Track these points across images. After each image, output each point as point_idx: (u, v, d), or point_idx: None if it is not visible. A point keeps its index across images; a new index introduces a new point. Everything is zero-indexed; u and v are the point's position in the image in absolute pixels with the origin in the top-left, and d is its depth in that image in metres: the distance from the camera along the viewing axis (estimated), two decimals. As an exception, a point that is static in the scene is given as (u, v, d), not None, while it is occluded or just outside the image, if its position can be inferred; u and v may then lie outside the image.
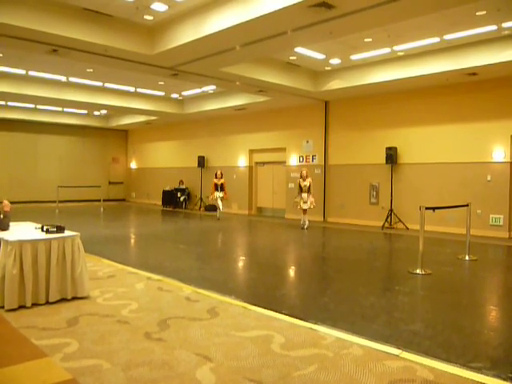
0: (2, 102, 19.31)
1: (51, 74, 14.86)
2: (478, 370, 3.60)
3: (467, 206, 8.96)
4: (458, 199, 10.91)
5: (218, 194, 15.94)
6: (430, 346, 4.14)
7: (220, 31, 8.83)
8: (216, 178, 16.03)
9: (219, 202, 16.01)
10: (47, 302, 5.21)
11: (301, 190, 13.45)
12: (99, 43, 9.69)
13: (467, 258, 8.70)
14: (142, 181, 25.48)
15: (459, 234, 11.24)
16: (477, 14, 8.88)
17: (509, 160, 11.69)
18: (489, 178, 11.95)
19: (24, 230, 5.79)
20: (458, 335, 4.54)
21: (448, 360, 3.78)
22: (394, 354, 3.86)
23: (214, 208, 19.38)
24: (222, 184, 15.98)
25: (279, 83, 13.01)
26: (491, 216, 11.92)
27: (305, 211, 13.48)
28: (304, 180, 13.43)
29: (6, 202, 5.87)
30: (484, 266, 8.52)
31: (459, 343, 4.29)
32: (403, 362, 3.71)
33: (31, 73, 14.60)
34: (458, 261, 8.64)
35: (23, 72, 14.49)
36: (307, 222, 13.53)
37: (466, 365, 3.69)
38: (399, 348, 4.01)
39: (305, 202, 13.30)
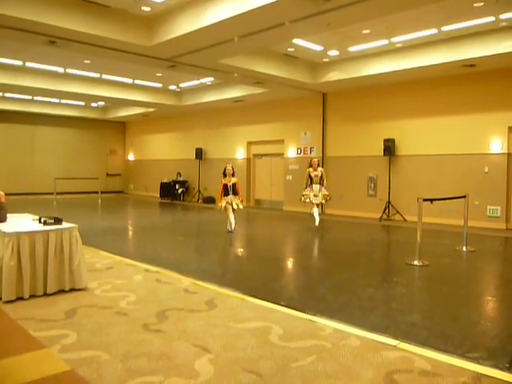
0: (-1, 94, 19.26)
1: (48, 66, 14.76)
2: (476, 360, 3.61)
3: (465, 197, 8.98)
4: (456, 191, 10.91)
5: (229, 200, 10.62)
6: (427, 337, 4.16)
7: (218, 22, 8.78)
8: (225, 175, 10.71)
9: (231, 216, 10.66)
10: (45, 294, 5.21)
11: (311, 180, 11.82)
12: (97, 34, 9.62)
13: (465, 249, 8.72)
14: (139, 173, 25.44)
15: (457, 225, 11.27)
16: (475, 5, 8.85)
17: (506, 151, 11.71)
18: (486, 170, 11.96)
19: (21, 222, 5.78)
20: (456, 326, 4.56)
21: (445, 350, 3.79)
22: (391, 345, 3.88)
23: (212, 200, 19.38)
24: (234, 185, 10.65)
25: (277, 75, 12.96)
26: (489, 207, 11.94)
27: (316, 206, 11.79)
28: (315, 169, 11.78)
29: (1, 193, 5.85)
30: (481, 257, 8.55)
31: (456, 334, 4.31)
32: (401, 352, 3.73)
33: (28, 64, 14.50)
34: (456, 252, 8.66)
35: (20, 63, 14.39)
36: (317, 218, 11.56)
37: (463, 355, 3.70)
38: (397, 339, 4.02)
39: (315, 196, 11.61)
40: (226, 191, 10.64)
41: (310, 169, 11.83)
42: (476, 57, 10.64)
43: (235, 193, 10.69)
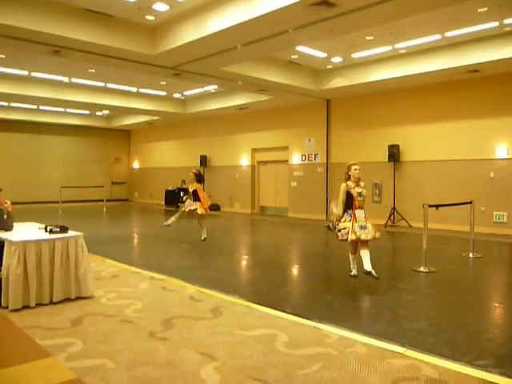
0: (5, 103, 19.36)
1: (53, 75, 14.88)
2: (483, 367, 3.59)
3: (471, 203, 8.94)
4: (462, 196, 10.86)
5: (186, 207, 10.54)
6: (434, 344, 4.13)
7: (221, 31, 8.82)
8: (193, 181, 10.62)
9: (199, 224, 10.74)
10: (51, 302, 5.22)
11: (348, 202, 6.59)
12: (101, 44, 9.69)
13: (471, 255, 8.68)
14: (144, 181, 25.50)
15: (463, 231, 11.21)
16: (478, 10, 8.85)
17: (512, 157, 11.67)
18: (492, 175, 11.91)
19: (28, 231, 5.80)
20: (463, 333, 4.52)
21: (453, 358, 3.77)
22: (398, 352, 3.85)
23: (216, 207, 19.36)
24: (194, 191, 10.44)
25: (281, 82, 13.00)
26: (495, 213, 11.88)
27: (365, 244, 6.48)
28: (357, 184, 6.66)
29: (8, 203, 5.89)
30: (488, 263, 8.49)
31: (464, 341, 4.28)
32: (408, 360, 3.70)
33: (33, 74, 14.62)
34: (462, 258, 8.62)
35: (26, 73, 14.51)
36: (369, 264, 6.37)
37: (470, 362, 3.68)
38: (403, 346, 3.99)
39: (363, 228, 6.40)
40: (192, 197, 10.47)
41: (349, 183, 6.67)
42: (480, 62, 10.63)
43: (197, 199, 10.36)
